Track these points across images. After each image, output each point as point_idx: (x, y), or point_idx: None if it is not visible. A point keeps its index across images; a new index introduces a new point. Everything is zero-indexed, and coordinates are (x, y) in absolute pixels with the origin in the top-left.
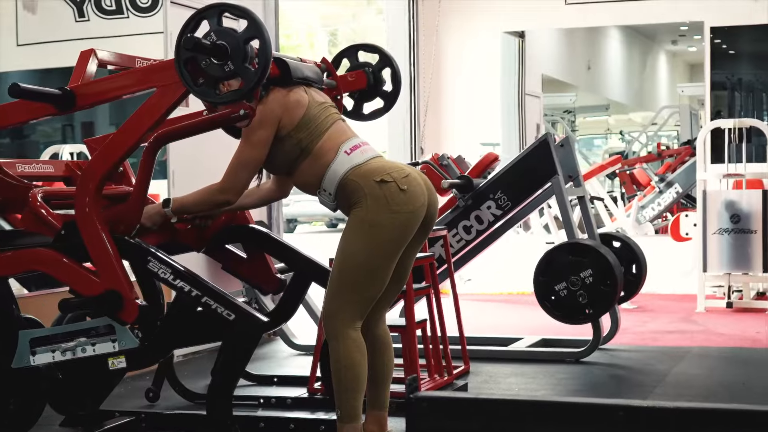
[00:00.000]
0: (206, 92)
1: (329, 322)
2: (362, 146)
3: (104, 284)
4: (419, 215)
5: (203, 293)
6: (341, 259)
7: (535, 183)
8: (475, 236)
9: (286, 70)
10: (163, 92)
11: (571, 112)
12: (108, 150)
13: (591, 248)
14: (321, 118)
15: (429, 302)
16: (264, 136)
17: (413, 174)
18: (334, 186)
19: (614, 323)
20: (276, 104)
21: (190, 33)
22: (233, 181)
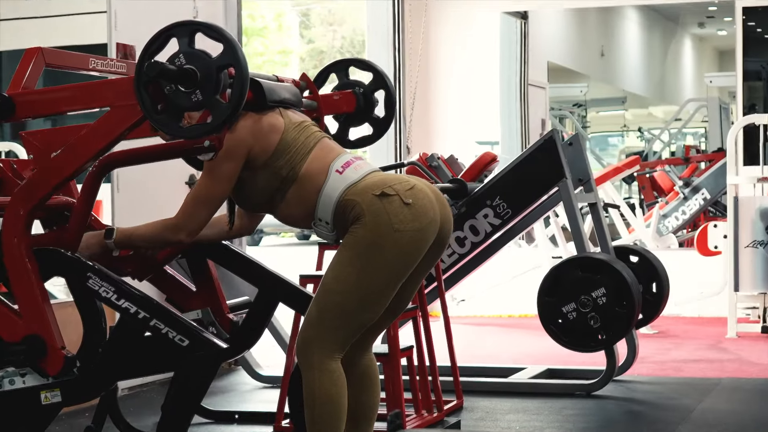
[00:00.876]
0: (167, 123)
1: (306, 349)
2: (355, 162)
3: (27, 328)
4: (429, 233)
5: (152, 315)
6: (331, 280)
7: (540, 188)
8: (469, 249)
9: (260, 94)
10: (117, 114)
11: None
12: (47, 173)
13: (604, 264)
14: (301, 140)
15: (416, 326)
16: (230, 170)
17: (420, 185)
18: (330, 213)
19: (631, 351)
20: (246, 132)
21: (154, 53)
22: (190, 218)
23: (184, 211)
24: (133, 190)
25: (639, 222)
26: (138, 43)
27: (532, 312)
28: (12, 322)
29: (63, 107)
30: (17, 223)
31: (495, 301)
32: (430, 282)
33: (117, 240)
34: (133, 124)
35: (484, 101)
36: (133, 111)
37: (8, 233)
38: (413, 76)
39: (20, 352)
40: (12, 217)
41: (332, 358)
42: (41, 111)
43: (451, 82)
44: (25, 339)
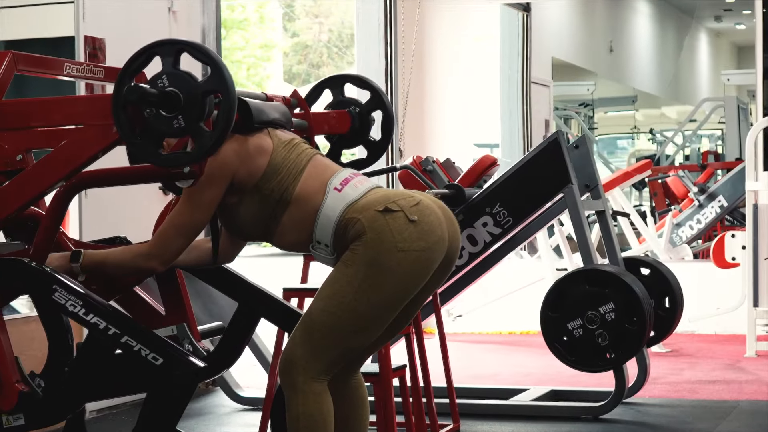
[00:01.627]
0: (146, 149)
1: (290, 369)
2: (354, 178)
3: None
4: (436, 253)
5: (123, 331)
6: (324, 297)
7: (543, 194)
8: (467, 261)
9: (246, 115)
10: (91, 133)
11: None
12: (7, 196)
13: (613, 276)
14: (292, 158)
15: (409, 344)
16: (211, 197)
17: (426, 201)
18: (330, 234)
19: (642, 371)
20: (230, 156)
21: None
22: (165, 247)
23: (158, 238)
24: (103, 197)
25: (650, 231)
26: (108, 36)
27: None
28: None
29: (33, 122)
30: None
31: (495, 316)
32: None
33: (84, 264)
34: (108, 145)
35: (483, 100)
36: (109, 132)
37: None
38: (406, 72)
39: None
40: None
41: (318, 380)
42: (8, 124)
43: (447, 80)
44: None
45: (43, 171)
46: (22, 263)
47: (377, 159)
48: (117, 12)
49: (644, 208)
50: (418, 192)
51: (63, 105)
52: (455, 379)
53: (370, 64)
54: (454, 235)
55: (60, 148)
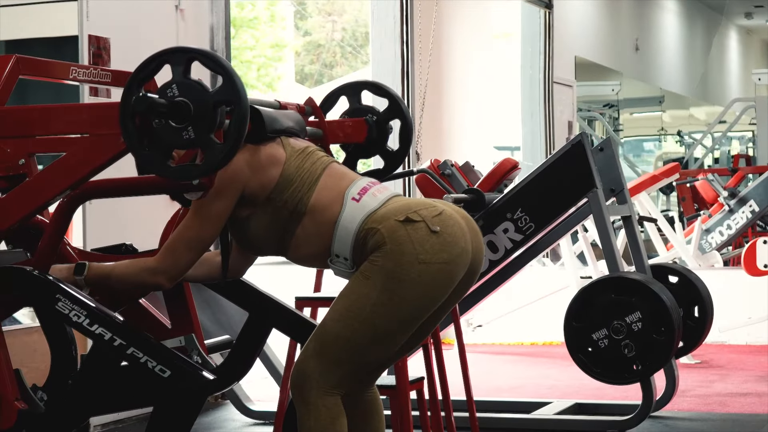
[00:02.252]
0: (154, 161)
1: (303, 383)
2: (373, 187)
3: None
4: (459, 266)
5: (129, 342)
6: (341, 309)
7: (567, 199)
8: (487, 269)
9: (259, 124)
10: (96, 143)
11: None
12: (7, 207)
13: (640, 285)
14: (306, 167)
15: (427, 355)
16: (221, 209)
17: (449, 211)
18: (349, 247)
19: (671, 383)
20: (241, 167)
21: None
22: (172, 262)
23: (166, 253)
24: (107, 204)
25: (678, 238)
26: (113, 36)
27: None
28: None
29: (35, 130)
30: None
31: (516, 326)
32: None
33: (88, 278)
34: (113, 156)
35: (504, 101)
36: (115, 141)
37: None
38: (423, 72)
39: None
40: None
41: (331, 394)
42: (9, 132)
43: (466, 80)
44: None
45: (46, 181)
46: (24, 271)
47: (395, 169)
48: (122, 10)
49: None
50: (441, 201)
51: (67, 113)
52: (475, 392)
53: (386, 64)
54: (478, 247)
55: (64, 157)
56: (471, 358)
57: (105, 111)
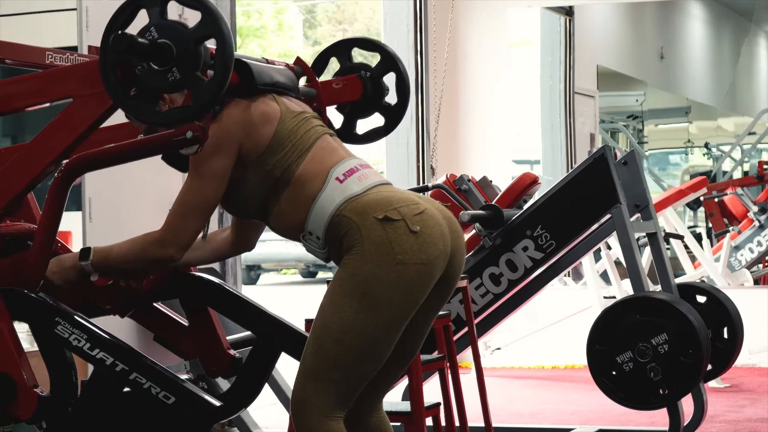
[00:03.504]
0: (141, 108)
1: (302, 410)
2: (361, 170)
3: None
4: (436, 268)
5: (132, 368)
6: (323, 325)
7: (589, 215)
8: (506, 288)
9: (248, 76)
10: (82, 105)
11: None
12: (4, 178)
13: (666, 305)
14: (300, 133)
15: (444, 380)
16: (219, 167)
17: (431, 210)
18: (322, 227)
19: (699, 408)
20: (234, 122)
21: (121, 27)
22: (178, 230)
23: (170, 221)
24: (108, 219)
25: (706, 255)
26: None
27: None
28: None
29: (16, 103)
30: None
31: (537, 349)
32: (460, 327)
33: (94, 262)
34: (101, 115)
35: (523, 113)
36: (101, 100)
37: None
38: (438, 82)
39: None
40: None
41: (333, 417)
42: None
43: (483, 91)
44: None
45: (36, 151)
46: (20, 293)
47: (395, 125)
48: None
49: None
50: (425, 198)
51: (46, 78)
52: (494, 417)
53: None
54: (458, 251)
55: (52, 124)
56: (489, 382)
57: (86, 69)
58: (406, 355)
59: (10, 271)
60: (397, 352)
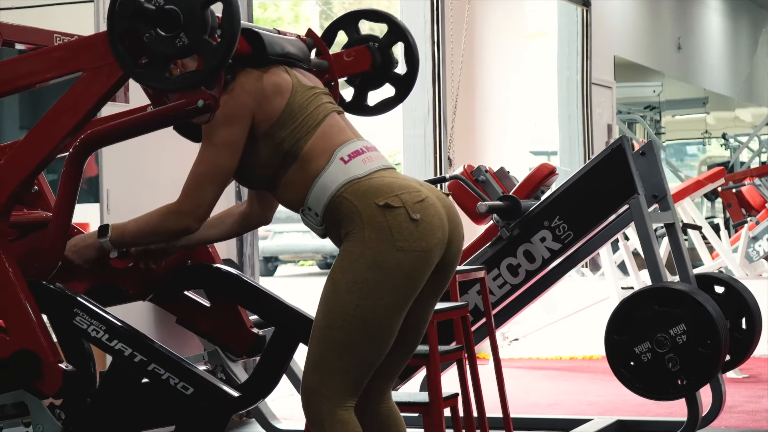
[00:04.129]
0: (151, 75)
1: (312, 400)
2: (366, 152)
3: (15, 343)
4: (434, 255)
5: (150, 358)
6: (326, 313)
7: (607, 206)
8: (524, 279)
9: (259, 46)
10: (92, 77)
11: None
12: (17, 158)
13: (684, 295)
14: (310, 109)
15: (461, 370)
16: (232, 136)
17: (431, 199)
18: (321, 205)
19: (717, 398)
20: (247, 92)
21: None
22: (195, 200)
23: (186, 193)
24: (126, 210)
25: (724, 246)
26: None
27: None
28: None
29: (25, 81)
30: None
31: (554, 340)
32: (477, 318)
33: (113, 238)
34: (112, 86)
35: (540, 104)
36: (111, 70)
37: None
38: (455, 75)
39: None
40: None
41: (344, 407)
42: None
43: (500, 82)
44: (14, 356)
45: (49, 126)
46: (40, 285)
47: (406, 95)
48: None
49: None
50: (426, 186)
51: (54, 54)
52: (512, 408)
53: None
54: (456, 239)
55: (63, 99)
56: (507, 373)
57: (96, 42)
58: (410, 342)
59: (27, 252)
60: (401, 339)
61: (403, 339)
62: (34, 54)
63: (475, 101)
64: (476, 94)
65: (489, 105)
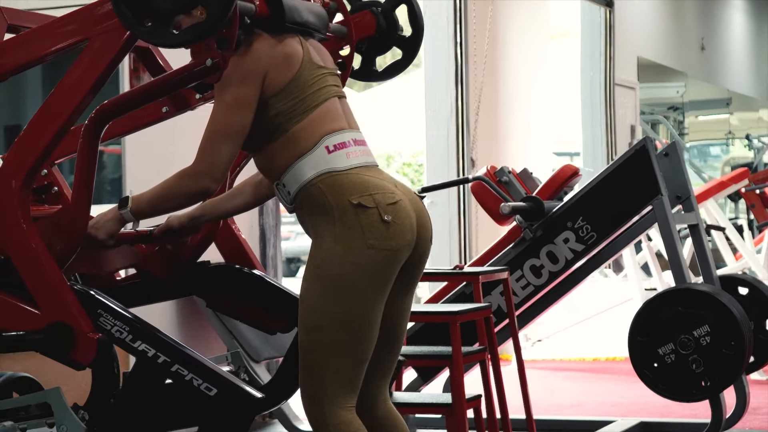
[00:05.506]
0: (156, 32)
1: (311, 405)
2: (351, 146)
3: (47, 317)
4: (402, 255)
5: (174, 359)
6: (306, 316)
7: (630, 207)
8: (547, 280)
9: (278, 10)
10: (99, 44)
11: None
12: (32, 132)
13: (708, 297)
14: (313, 89)
15: (484, 372)
16: (244, 96)
17: (404, 202)
18: (296, 187)
19: (741, 400)
20: (260, 55)
21: None
22: (210, 160)
23: (201, 154)
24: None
25: (748, 247)
26: None
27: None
28: (24, 313)
29: (28, 57)
30: (11, 199)
31: (577, 341)
32: (501, 319)
33: (133, 208)
34: (120, 49)
35: (563, 105)
36: (117, 33)
37: (2, 213)
38: (478, 75)
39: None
40: (4, 193)
41: (345, 408)
42: (4, 67)
43: (523, 83)
44: (47, 328)
45: (62, 95)
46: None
47: (413, 57)
48: None
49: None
50: (402, 187)
51: (57, 25)
52: (535, 410)
53: (439, 67)
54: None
55: (72, 68)
56: (530, 374)
57: (99, 7)
58: (394, 338)
59: (49, 229)
60: (385, 335)
61: (386, 335)
62: (38, 28)
63: (498, 102)
64: (499, 94)
65: (512, 105)
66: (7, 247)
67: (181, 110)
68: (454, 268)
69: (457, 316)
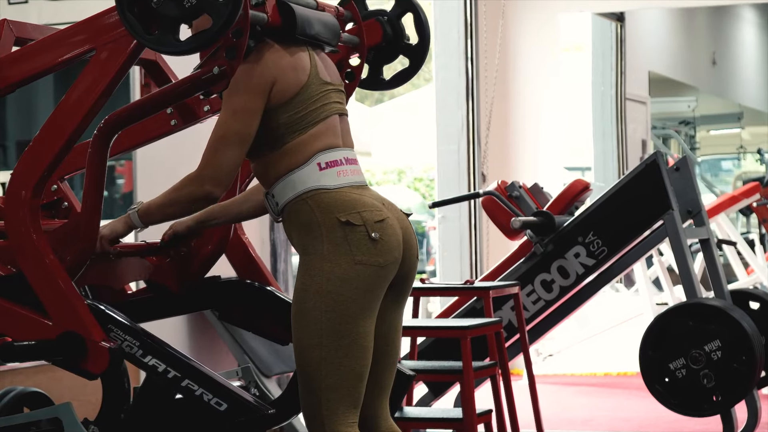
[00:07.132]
0: (163, 41)
1: (313, 424)
2: (342, 165)
3: (58, 327)
4: (390, 272)
5: (184, 374)
6: (299, 334)
7: (641, 221)
8: (558, 295)
9: (291, 21)
10: (105, 53)
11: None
12: (41, 141)
13: (719, 311)
14: (316, 105)
15: (495, 386)
16: (250, 104)
17: (391, 221)
18: (284, 200)
19: (753, 415)
20: (269, 65)
21: None
22: (214, 164)
23: (205, 159)
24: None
25: (760, 261)
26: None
27: (633, 369)
28: (36, 323)
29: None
30: (21, 209)
31: (588, 356)
32: (511, 334)
33: (141, 210)
34: (127, 58)
35: (574, 119)
36: (123, 43)
37: (13, 223)
38: (489, 90)
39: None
40: (14, 203)
41: (346, 424)
42: (11, 78)
43: (534, 97)
44: (59, 338)
45: (68, 106)
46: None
47: (420, 65)
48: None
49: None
50: (389, 205)
51: (64, 35)
52: (546, 425)
53: (449, 80)
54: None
55: (80, 78)
56: (541, 389)
57: (105, 17)
58: (389, 353)
59: (60, 239)
60: (380, 351)
61: (381, 352)
62: (44, 39)
63: (509, 117)
64: (510, 109)
65: (523, 120)
66: (17, 258)
67: (189, 123)
68: (465, 283)
69: (468, 331)
